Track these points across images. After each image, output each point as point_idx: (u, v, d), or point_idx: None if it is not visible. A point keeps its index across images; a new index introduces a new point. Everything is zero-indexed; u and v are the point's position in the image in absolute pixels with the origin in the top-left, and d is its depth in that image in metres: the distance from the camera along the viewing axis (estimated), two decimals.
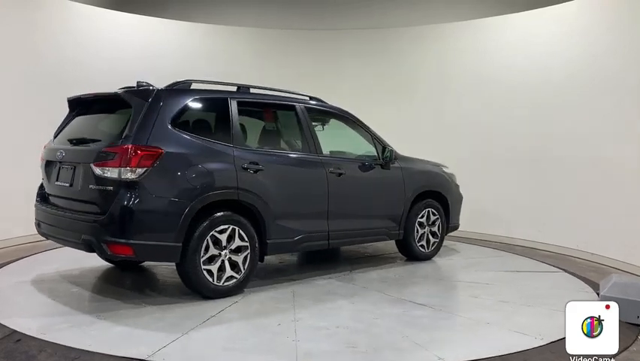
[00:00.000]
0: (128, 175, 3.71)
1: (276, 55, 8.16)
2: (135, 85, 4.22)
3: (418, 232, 5.58)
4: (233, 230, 4.13)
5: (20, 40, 6.38)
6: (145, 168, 3.73)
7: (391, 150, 5.27)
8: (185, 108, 4.18)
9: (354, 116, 5.38)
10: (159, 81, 4.44)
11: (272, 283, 4.70)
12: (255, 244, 4.26)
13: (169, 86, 4.28)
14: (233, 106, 4.38)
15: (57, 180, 4.29)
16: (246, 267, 4.21)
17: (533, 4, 6.92)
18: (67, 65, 6.80)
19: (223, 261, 4.11)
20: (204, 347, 3.22)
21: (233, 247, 4.14)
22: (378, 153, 5.32)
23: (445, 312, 4.05)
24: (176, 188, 3.87)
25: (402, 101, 7.88)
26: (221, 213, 4.08)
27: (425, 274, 5.28)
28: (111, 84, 5.46)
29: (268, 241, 4.34)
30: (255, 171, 4.27)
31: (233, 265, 4.17)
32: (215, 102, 4.42)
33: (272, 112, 5.11)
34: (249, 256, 4.21)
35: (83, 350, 3.06)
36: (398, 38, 8.01)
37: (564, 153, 6.42)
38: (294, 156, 4.86)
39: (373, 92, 7.97)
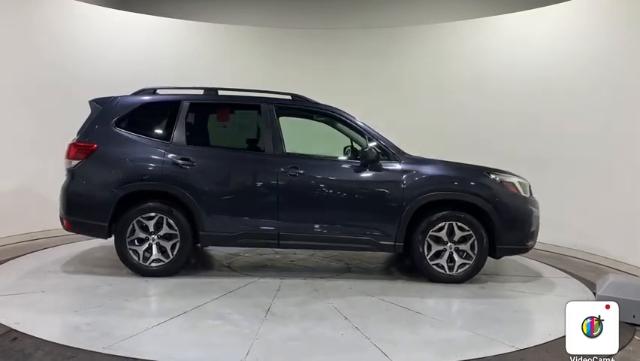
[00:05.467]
0: (69, 165, 4.68)
1: (279, 53, 8.10)
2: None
3: (431, 248, 4.68)
4: (161, 218, 4.59)
5: (19, 39, 6.33)
6: (80, 160, 4.63)
7: (371, 149, 4.64)
8: (133, 112, 4.82)
9: (344, 114, 4.94)
10: (159, 80, 4.96)
11: (219, 275, 4.88)
12: (186, 233, 4.58)
13: (135, 92, 4.94)
14: (184, 108, 4.80)
15: None
16: (174, 253, 4.62)
17: (533, 4, 6.94)
18: (68, 64, 6.77)
19: (151, 244, 4.62)
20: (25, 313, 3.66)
21: (161, 233, 4.61)
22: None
23: (273, 323, 3.56)
24: (103, 177, 4.64)
25: (400, 100, 7.87)
26: (149, 201, 4.62)
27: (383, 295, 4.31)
28: (111, 83, 5.48)
29: (201, 233, 4.64)
30: (187, 167, 4.60)
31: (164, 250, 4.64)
32: (165, 105, 4.93)
33: (227, 112, 5.19)
34: (178, 243, 4.60)
35: (79, 348, 3.05)
36: (399, 37, 8.00)
37: (561, 153, 6.44)
38: (236, 154, 4.91)
39: (372, 91, 7.94)
